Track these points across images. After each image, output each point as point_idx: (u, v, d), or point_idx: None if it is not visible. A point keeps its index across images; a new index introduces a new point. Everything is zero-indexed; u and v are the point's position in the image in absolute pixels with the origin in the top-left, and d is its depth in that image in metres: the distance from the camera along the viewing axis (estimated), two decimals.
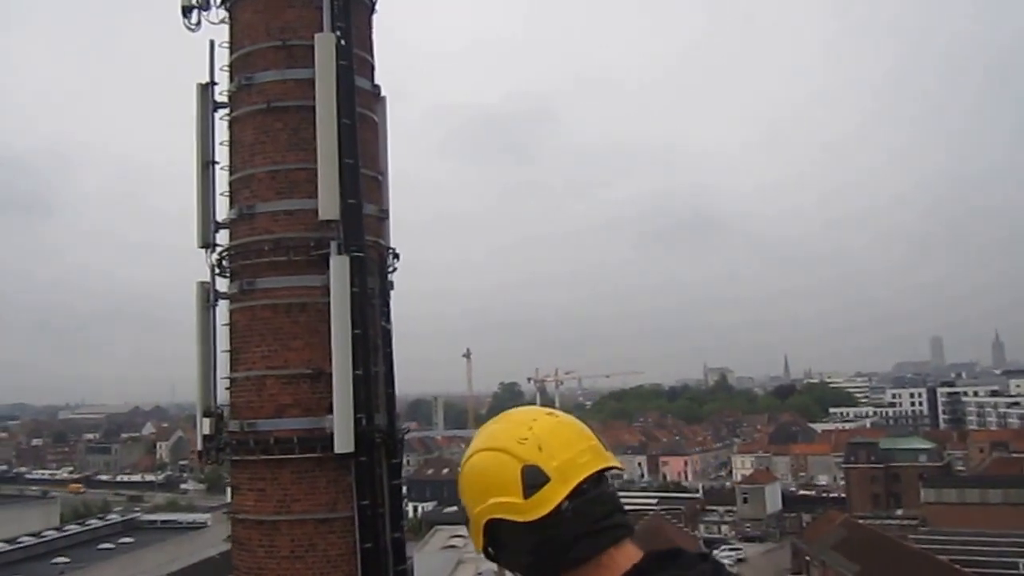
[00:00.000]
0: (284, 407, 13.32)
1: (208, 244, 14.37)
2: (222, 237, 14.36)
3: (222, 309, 14.29)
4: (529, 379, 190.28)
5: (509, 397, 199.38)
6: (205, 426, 14.26)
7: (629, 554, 1.82)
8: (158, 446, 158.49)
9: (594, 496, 1.83)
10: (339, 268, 13.01)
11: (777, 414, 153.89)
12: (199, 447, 14.50)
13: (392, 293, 14.40)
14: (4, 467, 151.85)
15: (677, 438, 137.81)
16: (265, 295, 13.54)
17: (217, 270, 14.26)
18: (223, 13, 14.61)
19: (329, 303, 13.06)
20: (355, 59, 13.80)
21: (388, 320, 14.10)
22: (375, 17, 15.01)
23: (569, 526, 1.79)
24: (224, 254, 14.15)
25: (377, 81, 14.77)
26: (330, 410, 12.96)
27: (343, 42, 13.55)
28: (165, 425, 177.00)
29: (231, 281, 14.09)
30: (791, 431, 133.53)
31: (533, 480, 1.79)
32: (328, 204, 13.07)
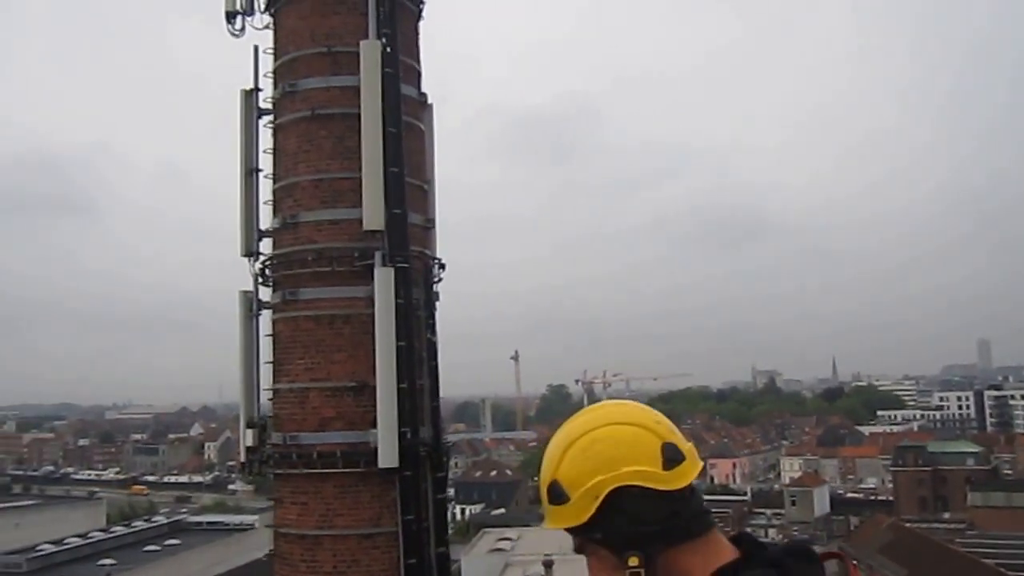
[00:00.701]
0: (327, 420, 13.09)
1: (251, 253, 14.20)
2: (265, 246, 14.21)
3: (265, 319, 14.15)
4: (577, 381, 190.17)
5: (557, 399, 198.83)
6: (248, 437, 14.09)
7: (722, 539, 2.01)
8: (206, 447, 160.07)
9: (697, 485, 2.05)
10: (383, 280, 12.75)
11: (825, 417, 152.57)
12: (242, 458, 14.35)
13: (437, 304, 14.13)
14: (51, 467, 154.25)
15: (725, 440, 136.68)
16: (308, 306, 13.33)
17: (260, 279, 14.10)
18: (267, 19, 14.46)
19: (373, 315, 12.81)
20: (401, 66, 13.56)
21: (433, 332, 13.83)
22: (422, 23, 14.79)
23: (693, 502, 1.98)
24: (267, 263, 13.97)
25: (424, 88, 14.55)
26: (374, 424, 12.70)
27: (389, 49, 13.30)
28: (213, 426, 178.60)
29: (274, 291, 13.91)
30: (839, 434, 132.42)
31: (673, 455, 1.96)
32: (372, 215, 12.82)
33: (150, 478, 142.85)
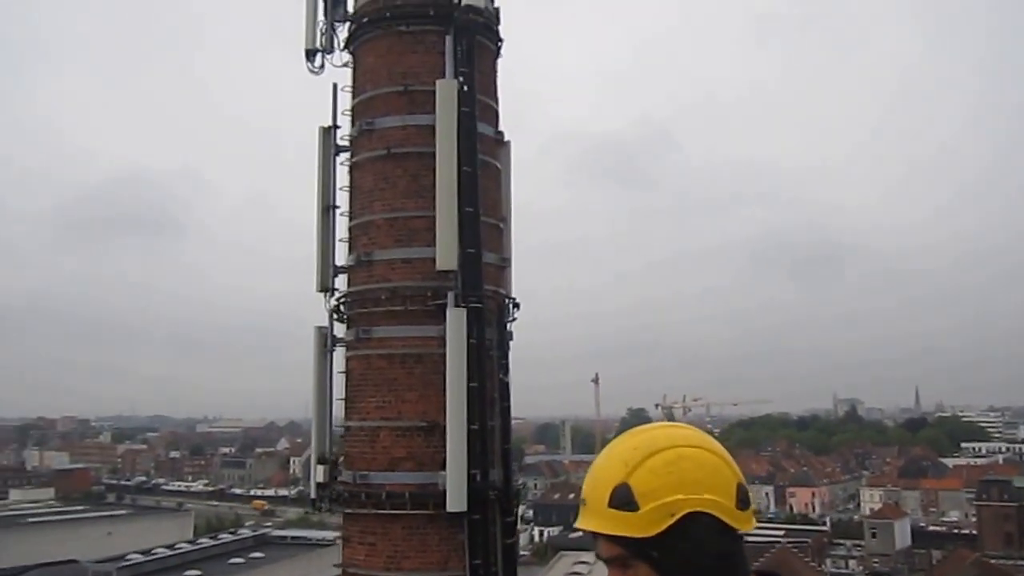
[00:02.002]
0: (397, 460, 12.99)
1: (327, 288, 14.25)
2: (341, 282, 14.25)
3: (339, 354, 14.16)
4: (657, 405, 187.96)
5: (637, 422, 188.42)
6: (319, 473, 14.11)
7: None
8: (291, 461, 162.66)
9: None
10: (456, 320, 12.62)
11: (907, 447, 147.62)
12: (312, 494, 14.35)
13: (511, 343, 13.94)
14: (143, 478, 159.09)
15: (805, 469, 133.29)
16: (381, 344, 13.28)
17: (335, 315, 14.13)
18: (346, 56, 14.56)
19: (445, 355, 12.69)
20: (478, 105, 13.46)
21: (506, 372, 13.64)
22: (500, 61, 14.71)
23: (742, 552, 2.01)
24: (342, 300, 13.99)
25: (500, 125, 14.44)
26: (443, 465, 12.54)
27: (466, 88, 13.22)
28: (299, 440, 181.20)
29: (348, 327, 13.93)
30: (922, 465, 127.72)
31: (745, 497, 1.98)
32: (446, 254, 12.72)
33: (237, 491, 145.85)
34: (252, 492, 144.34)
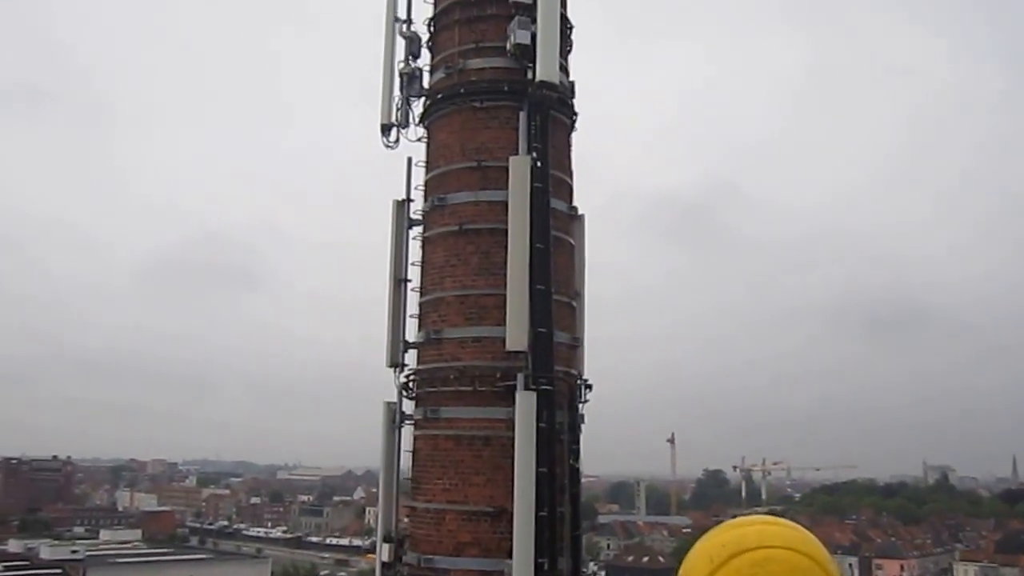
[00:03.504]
0: (463, 545, 12.59)
1: (396, 364, 14.07)
2: (411, 356, 14.05)
3: (407, 431, 13.92)
4: (735, 467, 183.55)
5: (713, 484, 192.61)
6: (384, 552, 13.77)
7: None
8: (367, 511, 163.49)
9: None
10: (525, 403, 12.23)
11: (1005, 520, 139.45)
12: (377, 574, 14.03)
13: (582, 426, 13.49)
14: (225, 522, 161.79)
15: (893, 539, 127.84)
16: (449, 425, 12.98)
17: (404, 392, 13.91)
18: (421, 131, 14.53)
19: (514, 438, 12.29)
20: (551, 180, 13.21)
21: (576, 458, 13.17)
22: (574, 135, 14.50)
23: None
24: (411, 377, 13.78)
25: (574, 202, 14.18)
26: (510, 553, 12.07)
27: (539, 164, 12.99)
28: (374, 490, 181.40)
29: (416, 406, 13.68)
30: (1021, 540, 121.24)
31: None
32: (516, 335, 12.39)
33: (314, 539, 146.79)
34: (328, 541, 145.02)
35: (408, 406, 13.93)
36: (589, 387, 13.66)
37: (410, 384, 13.80)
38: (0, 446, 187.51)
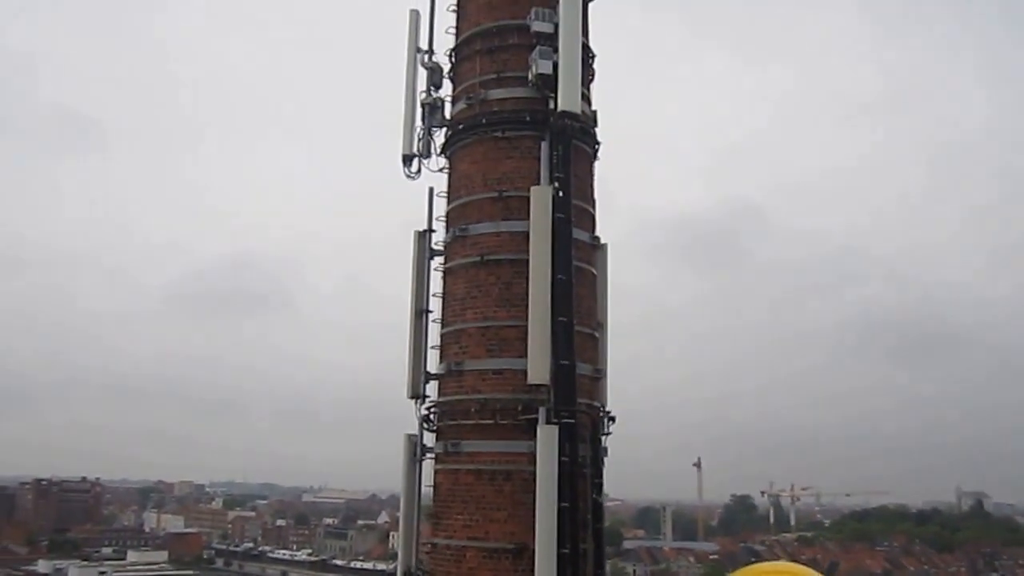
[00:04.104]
0: None
1: (417, 396, 13.92)
2: (432, 387, 13.90)
3: (429, 464, 13.77)
4: (763, 492, 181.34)
5: (741, 509, 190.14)
6: None
7: None
8: (391, 536, 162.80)
9: None
10: (547, 437, 12.02)
11: None
12: None
13: (606, 459, 13.26)
14: (250, 544, 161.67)
15: (926, 568, 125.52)
16: (470, 459, 12.78)
17: (425, 424, 13.75)
18: (443, 161, 14.44)
19: (535, 472, 12.07)
20: (574, 210, 13.05)
21: (599, 492, 12.93)
22: (597, 164, 14.36)
23: None
24: (432, 409, 13.62)
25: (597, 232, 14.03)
26: None
27: (561, 193, 12.84)
28: (399, 515, 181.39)
29: (437, 439, 13.52)
30: None
31: None
32: (538, 368, 12.20)
33: (338, 562, 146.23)
34: (352, 564, 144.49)
35: (429, 438, 13.78)
36: (612, 419, 13.43)
37: (431, 416, 13.65)
38: (31, 467, 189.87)
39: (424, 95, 14.67)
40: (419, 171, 14.54)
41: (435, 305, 14.10)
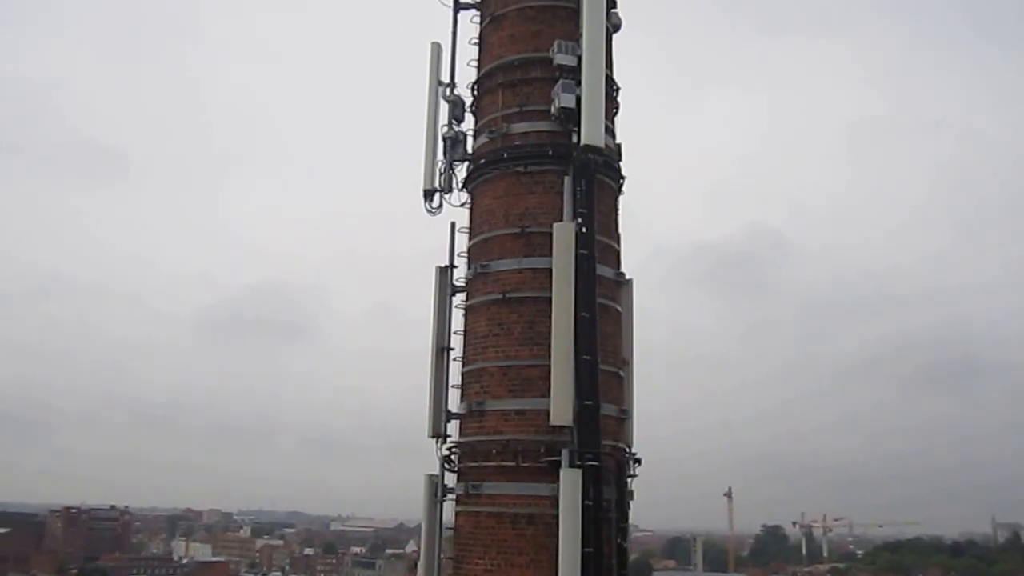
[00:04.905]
0: None
1: (439, 435, 13.63)
2: (453, 426, 13.61)
3: (449, 505, 13.45)
4: (794, 523, 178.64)
5: (773, 540, 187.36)
6: None
7: None
8: (419, 566, 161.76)
9: None
10: (570, 480, 11.67)
11: None
12: None
13: (631, 503, 12.87)
14: (278, 573, 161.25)
15: None
16: (491, 501, 12.45)
17: (446, 465, 13.45)
18: (464, 196, 14.23)
19: (558, 516, 11.70)
20: (597, 246, 12.75)
21: (625, 537, 12.54)
22: (622, 199, 14.09)
23: None
24: (453, 450, 13.31)
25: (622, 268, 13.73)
26: None
27: (584, 229, 12.54)
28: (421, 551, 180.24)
29: (458, 480, 13.21)
30: None
31: None
32: (561, 408, 11.86)
33: None
34: None
35: (450, 479, 13.47)
36: (638, 461, 13.07)
37: (452, 457, 13.35)
38: (60, 496, 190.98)
39: (445, 129, 14.49)
40: (440, 206, 14.35)
41: (456, 342, 13.84)
